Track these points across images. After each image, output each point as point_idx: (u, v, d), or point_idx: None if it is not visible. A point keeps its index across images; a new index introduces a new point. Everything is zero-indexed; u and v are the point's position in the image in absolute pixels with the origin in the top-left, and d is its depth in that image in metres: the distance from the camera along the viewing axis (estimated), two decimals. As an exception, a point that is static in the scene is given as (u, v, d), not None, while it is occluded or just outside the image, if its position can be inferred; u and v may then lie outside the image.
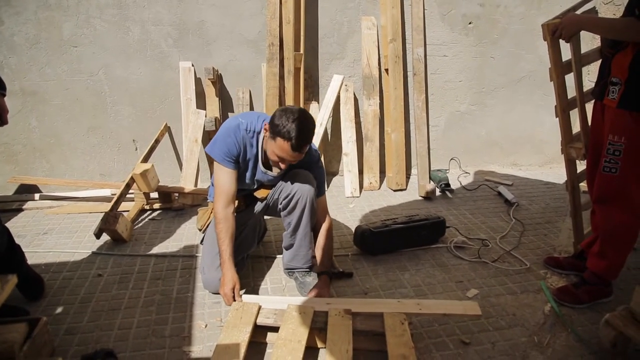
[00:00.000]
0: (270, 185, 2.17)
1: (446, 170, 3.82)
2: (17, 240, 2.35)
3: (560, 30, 1.98)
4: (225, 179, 1.97)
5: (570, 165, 2.33)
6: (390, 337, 1.65)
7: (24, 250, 2.16)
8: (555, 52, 2.10)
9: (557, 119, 2.23)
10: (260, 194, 2.20)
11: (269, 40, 3.17)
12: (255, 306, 1.79)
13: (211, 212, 2.24)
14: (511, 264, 2.45)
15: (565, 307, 2.08)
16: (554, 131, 3.99)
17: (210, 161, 3.43)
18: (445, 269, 2.41)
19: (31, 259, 2.31)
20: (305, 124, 1.83)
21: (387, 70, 3.51)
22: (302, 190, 2.03)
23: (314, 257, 2.19)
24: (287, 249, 2.23)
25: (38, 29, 3.00)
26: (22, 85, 3.07)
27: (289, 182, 2.06)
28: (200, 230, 2.35)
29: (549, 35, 2.05)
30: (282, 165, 1.92)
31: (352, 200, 3.35)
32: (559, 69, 2.13)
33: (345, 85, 3.54)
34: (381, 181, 3.66)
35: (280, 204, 2.10)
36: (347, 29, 3.49)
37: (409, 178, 3.76)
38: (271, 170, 2.08)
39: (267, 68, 3.21)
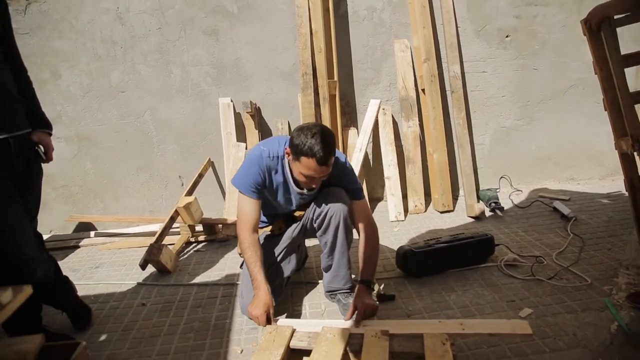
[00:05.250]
0: (309, 203, 2.15)
1: (496, 189, 3.65)
2: (71, 274, 2.48)
3: (589, 21, 1.97)
4: (249, 208, 1.98)
5: (626, 160, 2.17)
6: (429, 358, 1.54)
7: (76, 282, 2.26)
8: (594, 45, 2.06)
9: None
10: (300, 213, 2.19)
11: (302, 70, 3.24)
12: (289, 329, 1.74)
13: None
14: (570, 281, 2.26)
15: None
16: (612, 141, 3.74)
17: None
18: (495, 288, 2.25)
19: (82, 291, 2.40)
20: (325, 136, 1.80)
21: (423, 90, 3.47)
22: (334, 208, 1.99)
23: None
24: (326, 270, 2.18)
25: (90, 79, 3.26)
26: (77, 131, 3.31)
27: (320, 201, 2.03)
28: (240, 255, 2.35)
29: (585, 29, 2.03)
30: (313, 185, 1.89)
31: (396, 224, 3.26)
32: (600, 62, 2.06)
33: (383, 109, 3.52)
34: (427, 204, 3.54)
35: (314, 223, 2.07)
36: (381, 53, 3.50)
37: (456, 199, 3.62)
38: (304, 189, 2.06)
39: (302, 97, 3.27)
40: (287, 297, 2.26)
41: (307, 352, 1.68)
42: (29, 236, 1.76)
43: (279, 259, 2.16)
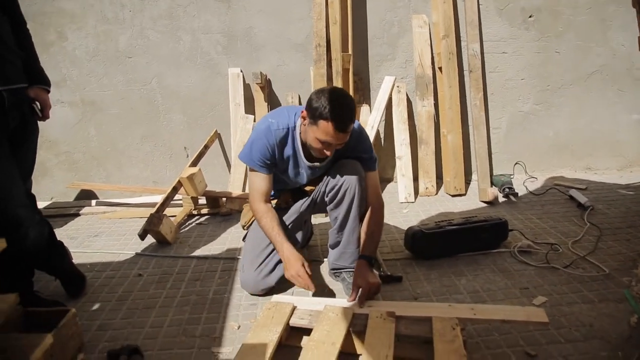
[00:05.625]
0: (320, 177, 2.04)
1: (510, 175, 3.52)
2: (69, 242, 2.41)
3: None
4: (259, 183, 1.90)
5: None
6: (438, 342, 1.45)
7: (74, 250, 2.20)
8: None
9: None
10: (311, 188, 2.09)
11: (316, 42, 3.10)
12: (289, 306, 1.65)
13: None
14: (586, 270, 2.15)
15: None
16: (633, 131, 3.60)
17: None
18: (507, 274, 2.15)
19: (78, 259, 2.34)
20: (346, 100, 1.71)
21: (440, 68, 3.33)
22: (349, 181, 1.87)
23: None
24: (333, 247, 2.07)
25: (97, 42, 3.15)
26: (82, 96, 3.22)
27: (335, 174, 1.91)
28: (243, 227, 2.27)
29: (636, 0, 1.85)
30: (328, 152, 1.77)
31: (406, 205, 3.15)
32: None
33: (397, 87, 3.39)
34: (438, 187, 3.43)
35: (327, 196, 1.96)
36: (398, 29, 3.35)
37: (469, 184, 3.50)
38: (316, 161, 1.94)
39: (315, 69, 3.14)
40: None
41: (308, 331, 1.60)
42: (21, 196, 1.68)
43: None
